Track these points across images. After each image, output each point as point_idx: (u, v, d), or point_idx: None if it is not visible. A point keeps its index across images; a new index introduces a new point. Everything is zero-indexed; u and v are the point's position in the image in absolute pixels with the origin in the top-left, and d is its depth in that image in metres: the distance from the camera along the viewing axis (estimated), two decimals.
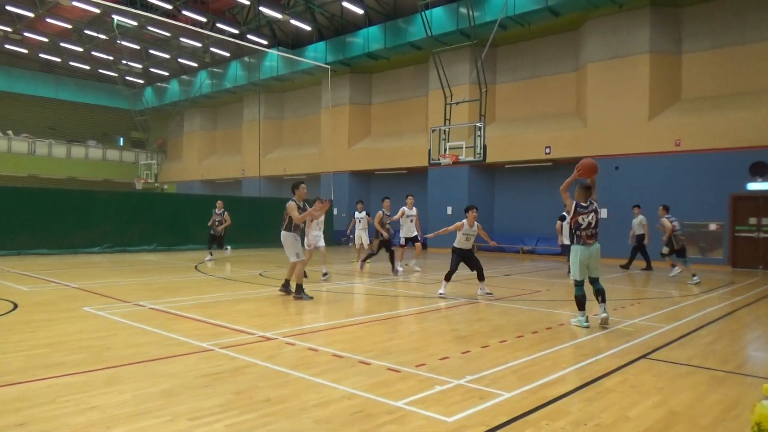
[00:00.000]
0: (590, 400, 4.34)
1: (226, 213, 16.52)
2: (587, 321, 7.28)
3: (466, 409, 4.02)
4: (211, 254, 16.54)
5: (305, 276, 10.61)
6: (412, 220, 14.00)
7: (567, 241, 12.50)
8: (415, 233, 14.07)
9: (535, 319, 7.87)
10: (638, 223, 15.81)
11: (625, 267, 16.25)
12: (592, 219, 7.26)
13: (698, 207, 17.39)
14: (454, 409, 4.03)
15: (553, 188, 21.62)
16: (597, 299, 7.36)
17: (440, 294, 9.78)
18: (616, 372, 5.14)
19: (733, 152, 16.83)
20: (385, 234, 13.92)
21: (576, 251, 7.33)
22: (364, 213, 16.06)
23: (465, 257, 9.97)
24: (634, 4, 18.67)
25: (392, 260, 13.97)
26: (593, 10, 19.46)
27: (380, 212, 14.04)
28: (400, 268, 13.87)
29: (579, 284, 7.37)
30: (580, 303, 7.30)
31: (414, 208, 14.11)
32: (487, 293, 10.10)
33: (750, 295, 10.96)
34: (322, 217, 12.46)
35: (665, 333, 7.03)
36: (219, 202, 16.99)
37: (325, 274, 12.30)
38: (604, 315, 7.26)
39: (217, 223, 16.34)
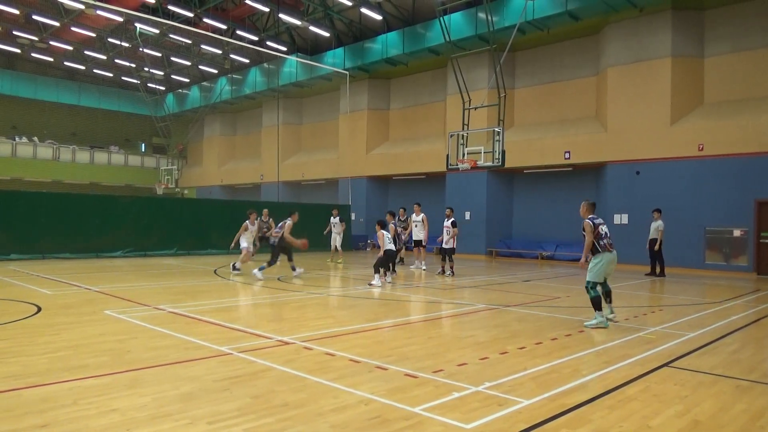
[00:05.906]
0: (611, 408, 4.28)
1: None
2: (607, 321, 7.70)
3: (485, 416, 3.99)
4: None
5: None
6: (417, 225, 16.32)
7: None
8: (420, 237, 16.32)
9: (555, 325, 7.79)
10: (655, 228, 15.72)
11: (657, 274, 15.87)
12: (607, 229, 7.91)
13: (722, 213, 17.08)
14: (472, 415, 4.00)
15: (572, 193, 21.55)
16: (606, 300, 7.94)
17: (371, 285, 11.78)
18: (637, 380, 5.06)
19: (757, 157, 16.50)
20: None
21: (602, 257, 7.70)
22: (338, 219, 18.45)
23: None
24: (655, 7, 18.46)
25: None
26: (613, 14, 19.29)
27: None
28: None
29: (595, 286, 7.75)
30: (598, 303, 7.68)
31: (422, 214, 16.27)
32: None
33: None
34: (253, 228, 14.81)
35: (688, 341, 6.91)
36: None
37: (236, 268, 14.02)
38: (612, 315, 8.00)
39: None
